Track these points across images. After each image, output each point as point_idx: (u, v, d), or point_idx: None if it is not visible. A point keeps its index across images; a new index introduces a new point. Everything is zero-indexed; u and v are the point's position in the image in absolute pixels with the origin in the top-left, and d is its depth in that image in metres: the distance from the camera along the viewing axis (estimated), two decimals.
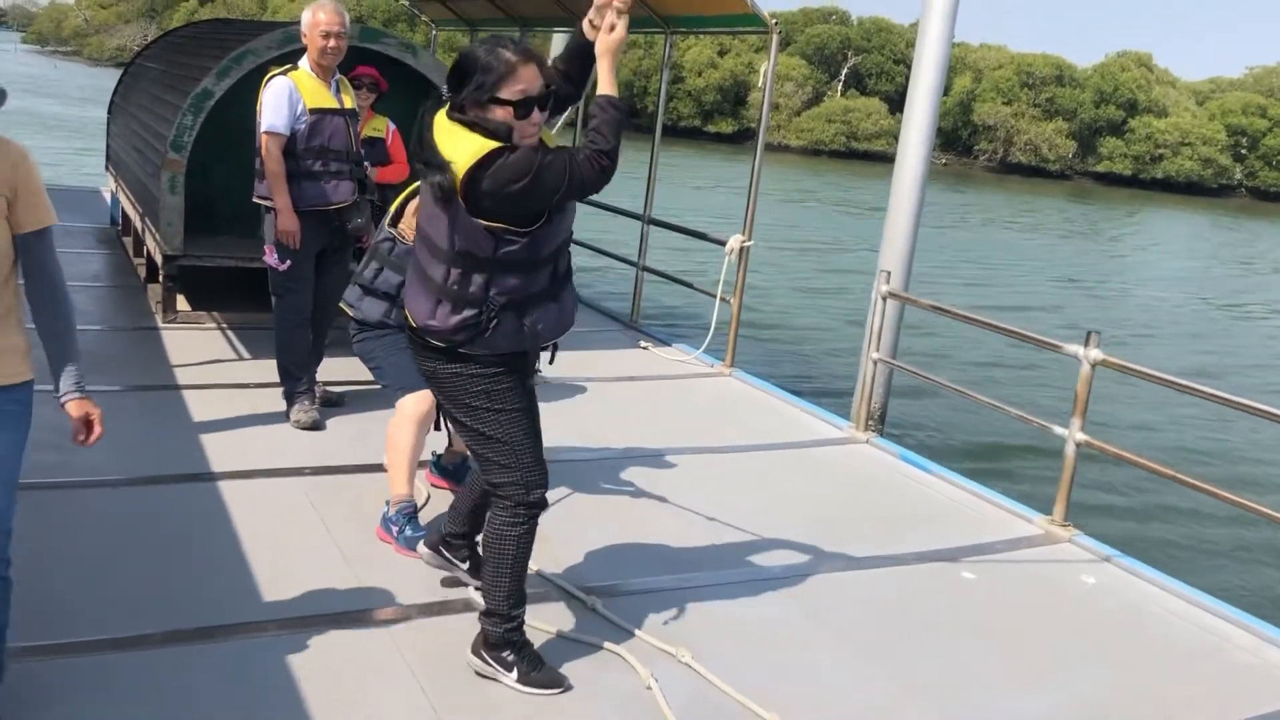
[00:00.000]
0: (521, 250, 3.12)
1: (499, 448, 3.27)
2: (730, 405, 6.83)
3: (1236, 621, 4.32)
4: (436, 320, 3.16)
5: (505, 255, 3.11)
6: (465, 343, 3.17)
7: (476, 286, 3.13)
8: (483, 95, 3.05)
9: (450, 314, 3.14)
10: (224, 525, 4.22)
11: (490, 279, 3.13)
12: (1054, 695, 3.65)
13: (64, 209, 11.68)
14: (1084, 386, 5.15)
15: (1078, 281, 23.46)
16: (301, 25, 5.47)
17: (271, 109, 5.30)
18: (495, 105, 3.05)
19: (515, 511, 3.29)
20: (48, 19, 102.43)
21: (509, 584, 3.32)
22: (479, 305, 3.13)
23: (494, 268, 3.12)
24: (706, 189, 33.51)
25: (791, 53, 62.71)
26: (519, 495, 3.28)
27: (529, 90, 3.06)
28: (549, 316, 3.25)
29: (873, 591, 4.32)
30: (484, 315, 3.14)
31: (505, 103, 3.04)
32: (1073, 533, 5.09)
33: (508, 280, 3.14)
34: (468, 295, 3.13)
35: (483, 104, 3.06)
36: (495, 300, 3.14)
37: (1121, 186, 58.51)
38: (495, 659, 3.34)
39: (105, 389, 5.74)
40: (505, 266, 3.13)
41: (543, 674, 3.36)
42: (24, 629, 3.34)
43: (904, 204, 6.61)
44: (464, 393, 3.25)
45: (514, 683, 3.32)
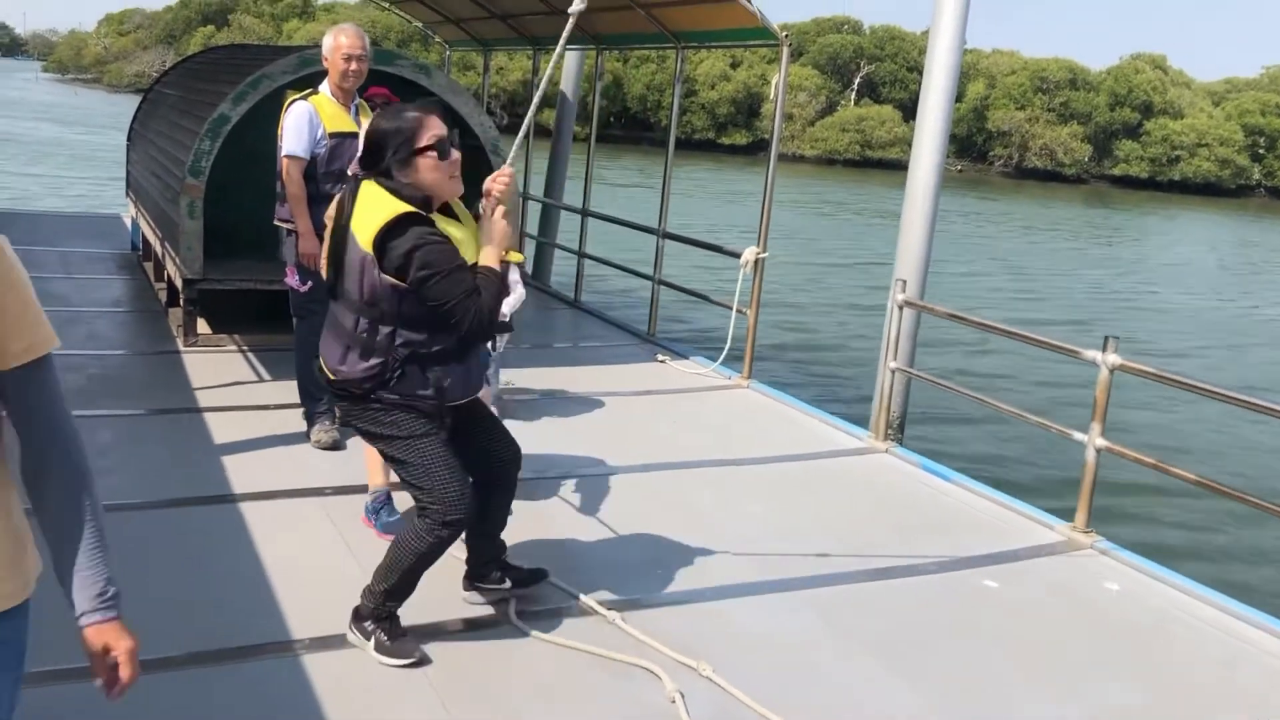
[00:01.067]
0: (424, 308, 3.33)
1: (416, 474, 3.45)
2: (748, 417, 6.82)
3: (1265, 627, 4.28)
4: (345, 366, 3.43)
5: (409, 311, 3.34)
6: (372, 390, 3.40)
7: (383, 336, 3.37)
8: (405, 152, 3.33)
9: (358, 360, 3.40)
10: (246, 546, 4.25)
11: (395, 330, 3.36)
12: (1080, 705, 3.62)
13: (86, 235, 11.86)
14: (1103, 392, 5.12)
15: (1100, 288, 23.34)
16: (323, 49, 5.53)
17: (292, 133, 5.39)
18: (417, 156, 3.34)
19: (432, 529, 3.44)
20: (68, 47, 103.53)
21: (396, 582, 3.50)
22: (384, 355, 3.38)
23: (399, 321, 3.35)
24: (722, 202, 33.53)
25: (804, 63, 62.77)
26: (437, 516, 3.43)
27: (439, 133, 3.37)
28: (454, 375, 3.47)
29: (895, 602, 4.30)
30: (388, 365, 3.38)
31: (425, 150, 3.34)
32: (1094, 539, 5.06)
33: (411, 334, 3.37)
34: (374, 345, 3.38)
35: (406, 162, 3.34)
36: (399, 351, 3.37)
37: (1138, 189, 58.24)
38: (359, 629, 3.54)
39: (128, 413, 5.81)
40: (409, 321, 3.36)
41: (396, 644, 3.50)
42: (46, 653, 3.36)
43: (918, 212, 6.60)
44: (377, 424, 3.47)
45: (373, 650, 3.49)
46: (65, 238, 11.37)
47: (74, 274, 9.45)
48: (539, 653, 3.65)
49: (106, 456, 5.14)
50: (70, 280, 9.16)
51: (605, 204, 11.42)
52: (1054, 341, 5.76)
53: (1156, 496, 9.13)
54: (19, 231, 11.43)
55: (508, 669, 3.54)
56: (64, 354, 6.76)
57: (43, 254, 10.24)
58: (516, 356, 7.66)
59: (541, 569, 4.04)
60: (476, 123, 7.65)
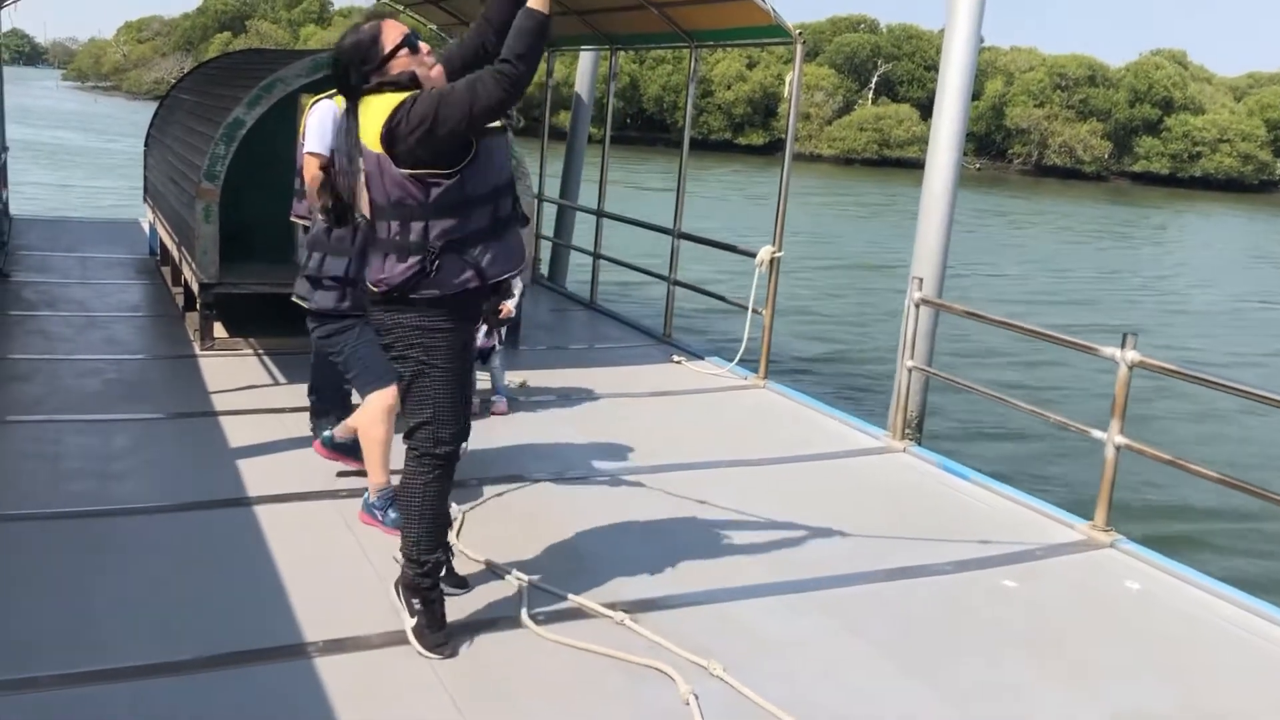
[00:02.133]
0: (452, 191, 3.31)
1: (421, 398, 3.49)
2: (765, 417, 6.80)
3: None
4: (385, 273, 3.39)
5: (437, 199, 3.31)
6: (414, 288, 3.36)
7: (416, 234, 3.34)
8: (374, 62, 3.35)
9: (396, 263, 3.37)
10: (261, 549, 4.25)
11: (427, 225, 3.34)
12: (1101, 706, 3.58)
13: (105, 241, 11.93)
14: (1122, 389, 5.07)
15: (1125, 287, 23.19)
16: None
17: (315, 132, 5.33)
18: (390, 61, 3.36)
19: (422, 461, 3.53)
20: (87, 55, 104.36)
21: (418, 529, 3.55)
22: (421, 252, 3.34)
23: (428, 213, 3.33)
24: (739, 202, 33.49)
25: (821, 62, 62.65)
26: (427, 446, 3.51)
27: (403, 31, 3.38)
28: (494, 251, 3.42)
29: (913, 602, 4.27)
30: (426, 260, 3.34)
31: (396, 49, 3.35)
32: (1115, 537, 5.01)
33: (443, 223, 3.34)
34: (409, 244, 3.35)
35: (381, 70, 3.36)
36: (434, 245, 3.34)
37: (1159, 186, 57.84)
38: (405, 600, 3.59)
39: (145, 417, 5.84)
40: (439, 210, 3.33)
41: (434, 637, 3.54)
42: (63, 657, 3.38)
43: (935, 210, 6.55)
44: (402, 342, 3.46)
45: (409, 630, 3.55)
46: (84, 243, 11.44)
47: (92, 279, 9.50)
48: (553, 653, 3.63)
49: (124, 460, 5.16)
50: (89, 286, 9.21)
51: (632, 208, 11.42)
52: (1072, 339, 5.71)
53: (1177, 494, 9.05)
54: (38, 237, 11.52)
55: (521, 670, 3.52)
56: (82, 358, 6.82)
57: (62, 259, 10.31)
58: (532, 357, 7.66)
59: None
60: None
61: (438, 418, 3.50)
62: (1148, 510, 8.69)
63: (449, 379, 3.50)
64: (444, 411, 3.51)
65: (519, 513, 4.85)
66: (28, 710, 3.11)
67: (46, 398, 6.04)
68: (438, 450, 3.52)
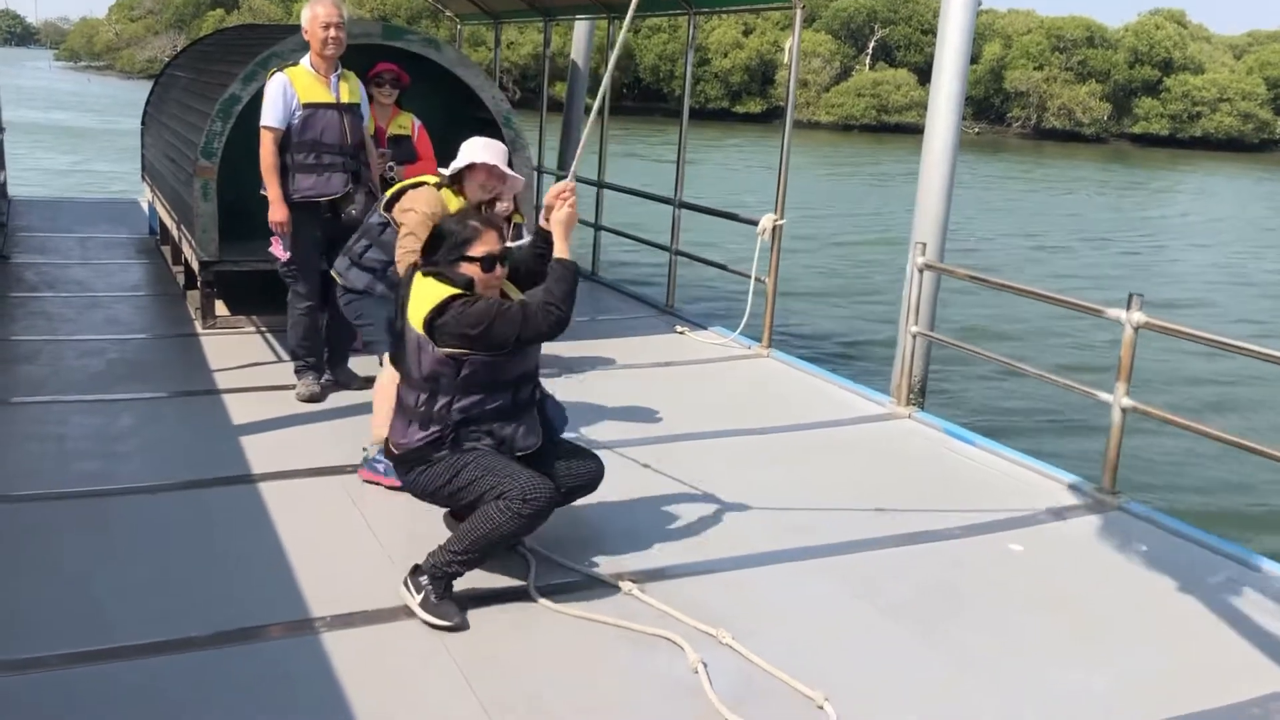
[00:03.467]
0: (483, 372, 3.67)
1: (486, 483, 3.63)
2: (769, 386, 6.79)
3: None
4: (405, 438, 3.75)
5: (466, 377, 3.66)
6: (430, 454, 3.70)
7: (440, 406, 3.69)
8: (454, 255, 3.71)
9: (416, 431, 3.72)
10: (267, 526, 4.25)
11: (452, 399, 3.68)
12: (1109, 668, 3.58)
13: (104, 221, 11.90)
14: (1128, 350, 5.05)
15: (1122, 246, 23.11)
16: (302, 22, 5.72)
17: (269, 105, 5.65)
18: (464, 263, 3.71)
19: (510, 507, 3.57)
20: (79, 35, 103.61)
21: (468, 548, 3.62)
22: (440, 423, 3.69)
23: (457, 389, 3.67)
24: (738, 170, 33.35)
25: (818, 28, 62.18)
26: (517, 496, 3.58)
27: (492, 250, 3.73)
28: (514, 427, 3.78)
29: (920, 567, 4.27)
30: (444, 430, 3.69)
31: (473, 260, 3.71)
32: (1121, 500, 5.01)
33: (466, 399, 3.69)
34: (432, 414, 3.70)
35: (454, 262, 3.72)
36: (454, 416, 3.69)
37: (1159, 147, 57.54)
38: (414, 583, 3.65)
39: (149, 396, 5.83)
40: (467, 387, 3.68)
41: (440, 606, 3.60)
42: (69, 636, 3.39)
43: (935, 174, 6.50)
44: (437, 480, 3.73)
45: (418, 606, 3.60)
46: (84, 223, 11.40)
47: (93, 259, 9.47)
48: (560, 625, 3.64)
49: (127, 439, 5.16)
50: (89, 266, 9.18)
51: (634, 178, 11.34)
52: (1076, 300, 5.69)
53: (1184, 456, 9.05)
54: (38, 218, 11.48)
55: (530, 642, 3.53)
56: (84, 339, 6.81)
57: (61, 240, 10.28)
58: None
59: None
60: (488, 96, 7.59)
61: (508, 477, 3.61)
62: (1154, 472, 8.70)
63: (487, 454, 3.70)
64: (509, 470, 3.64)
65: None
66: (36, 689, 3.12)
67: (50, 379, 6.03)
68: (528, 497, 3.57)
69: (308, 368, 5.94)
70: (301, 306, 5.88)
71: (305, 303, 5.87)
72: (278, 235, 5.73)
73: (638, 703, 3.24)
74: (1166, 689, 3.48)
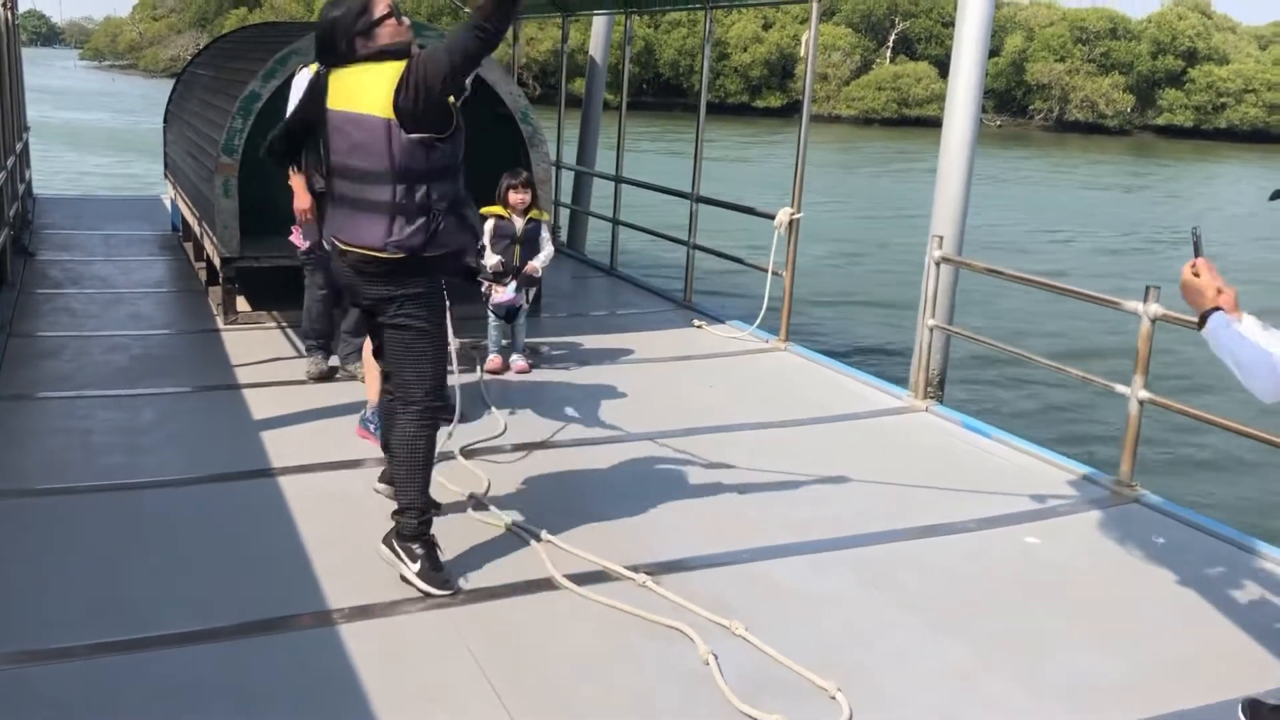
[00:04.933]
0: (446, 155, 3.61)
1: (426, 354, 3.73)
2: (787, 379, 6.80)
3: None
4: (395, 235, 3.58)
5: (436, 163, 3.58)
6: (423, 247, 3.60)
7: (420, 196, 3.58)
8: (364, 26, 3.57)
9: (405, 225, 3.58)
10: (288, 519, 4.30)
11: (429, 188, 3.59)
12: (1127, 660, 3.58)
13: (128, 218, 11.99)
14: (1145, 343, 5.04)
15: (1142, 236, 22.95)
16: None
17: (294, 99, 5.69)
18: (378, 28, 3.57)
19: (423, 415, 3.75)
20: (104, 34, 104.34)
21: (420, 481, 3.76)
22: (426, 212, 3.59)
23: (430, 177, 3.58)
24: (759, 164, 33.28)
25: (837, 21, 61.96)
26: (427, 399, 3.74)
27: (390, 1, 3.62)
28: (472, 215, 3.82)
29: (937, 560, 4.28)
30: (432, 220, 3.60)
31: (382, 20, 3.57)
32: (1139, 492, 5.00)
33: (441, 186, 3.62)
34: (415, 205, 3.58)
35: (370, 33, 3.58)
36: (437, 204, 3.60)
37: (1183, 139, 57.06)
38: (404, 549, 3.75)
39: (172, 390, 5.90)
40: (437, 174, 3.60)
41: (440, 575, 3.73)
42: (96, 627, 3.45)
43: (954, 167, 6.49)
44: (408, 305, 3.68)
45: (414, 575, 3.71)
46: (108, 221, 11.51)
47: (116, 256, 9.57)
48: (575, 615, 3.67)
49: (152, 434, 5.23)
50: (113, 262, 9.28)
51: (653, 174, 11.37)
52: (1094, 293, 5.68)
53: (1202, 449, 9.01)
54: (63, 215, 11.60)
55: (544, 632, 3.56)
56: (108, 334, 6.89)
57: (86, 237, 10.39)
58: (553, 325, 7.67)
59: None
60: (504, 91, 7.62)
61: (436, 374, 3.77)
62: (1172, 464, 8.66)
63: (438, 339, 3.79)
64: (440, 368, 3.80)
65: (542, 476, 4.88)
66: (65, 679, 3.17)
67: (75, 374, 6.10)
68: (435, 401, 3.79)
69: (317, 347, 6.21)
70: (318, 294, 6.15)
71: (321, 291, 6.12)
72: (300, 224, 5.89)
73: (652, 693, 3.27)
74: (1182, 680, 3.48)
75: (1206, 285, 2.91)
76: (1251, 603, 4.04)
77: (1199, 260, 2.93)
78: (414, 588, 3.71)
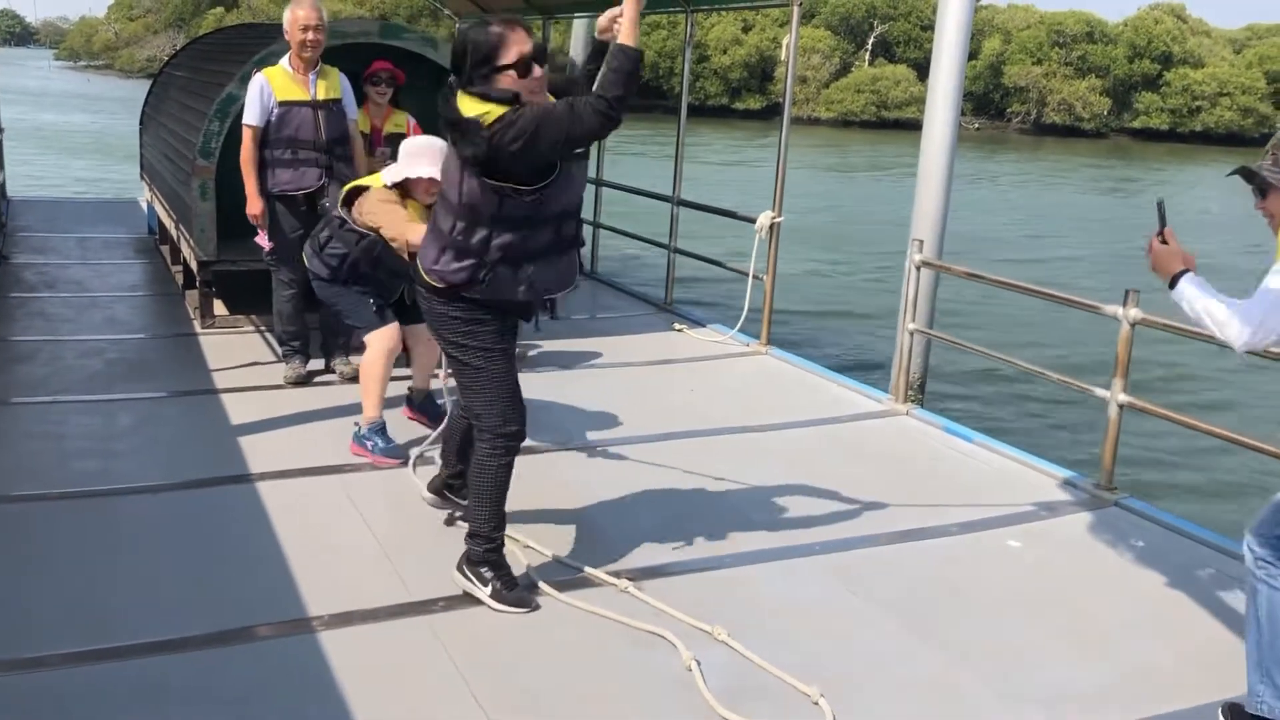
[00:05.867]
0: (526, 207, 3.42)
1: (482, 384, 3.65)
2: (767, 383, 6.79)
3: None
4: (439, 265, 3.53)
5: (507, 213, 3.42)
6: (463, 288, 3.51)
7: (478, 239, 3.46)
8: (485, 69, 3.38)
9: (452, 261, 3.50)
10: (265, 525, 4.26)
11: (491, 233, 3.44)
12: (1107, 665, 3.59)
13: (104, 221, 11.88)
14: (1124, 347, 5.06)
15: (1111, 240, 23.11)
16: (284, 23, 6.03)
17: (248, 104, 6.01)
18: (499, 74, 3.38)
19: (494, 443, 3.69)
20: (79, 34, 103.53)
21: (490, 508, 3.72)
22: (478, 256, 3.47)
23: (495, 224, 3.43)
24: (738, 167, 33.33)
25: (817, 24, 62.13)
26: (497, 427, 3.67)
27: (524, 50, 3.38)
28: (548, 272, 3.57)
29: (918, 565, 4.28)
30: (482, 266, 3.48)
31: (507, 68, 3.37)
32: (1119, 496, 5.02)
33: (507, 235, 3.45)
34: (469, 246, 3.47)
35: (488, 77, 3.39)
36: (494, 253, 3.46)
37: (1159, 141, 57.48)
38: (475, 574, 3.72)
39: (148, 395, 5.84)
40: (507, 223, 3.43)
41: (514, 594, 3.71)
42: (69, 636, 3.40)
43: (933, 170, 6.51)
44: (453, 332, 3.62)
45: (488, 598, 3.68)
46: (83, 223, 11.41)
47: (91, 259, 9.48)
48: (556, 622, 3.65)
49: (127, 439, 5.17)
50: (88, 266, 9.19)
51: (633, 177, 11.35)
52: (1074, 297, 5.70)
53: (1181, 452, 9.06)
54: (37, 218, 11.49)
55: (525, 638, 3.54)
56: (83, 339, 6.82)
57: (61, 240, 10.29)
58: (533, 329, 7.63)
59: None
60: None
61: (501, 397, 3.66)
62: (1152, 469, 8.70)
63: (502, 359, 3.66)
64: (505, 390, 3.67)
65: (522, 482, 4.82)
66: (35, 690, 3.13)
67: (49, 378, 6.04)
68: (507, 429, 3.68)
69: (294, 352, 6.19)
70: (285, 294, 6.17)
71: (288, 290, 6.15)
72: (259, 228, 6.03)
73: (635, 700, 3.25)
74: (1162, 684, 3.49)
75: (1175, 251, 3.09)
76: (1231, 606, 4.05)
77: (1166, 229, 3.12)
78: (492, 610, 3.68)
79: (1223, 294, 2.98)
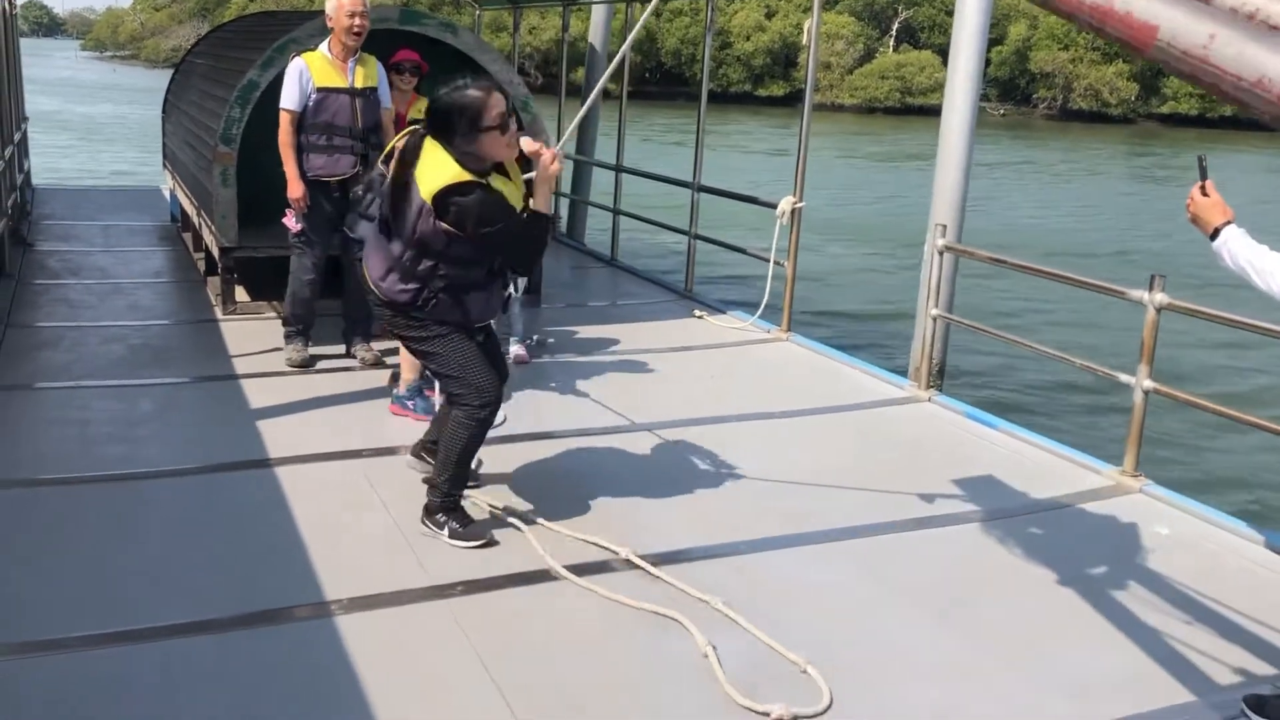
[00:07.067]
0: (469, 249, 3.82)
1: (449, 365, 3.97)
2: (789, 369, 6.76)
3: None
4: (386, 284, 3.91)
5: (455, 252, 3.81)
6: (406, 307, 3.89)
7: (424, 268, 3.84)
8: (469, 130, 3.72)
9: (397, 283, 3.88)
10: (286, 509, 4.27)
11: (437, 265, 3.83)
12: (1131, 651, 3.55)
13: (126, 208, 11.97)
14: (1150, 332, 5.00)
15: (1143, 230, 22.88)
16: (327, 9, 5.96)
17: (286, 88, 5.99)
18: (483, 135, 3.74)
19: (471, 414, 3.96)
20: (105, 25, 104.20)
21: (453, 470, 4.02)
22: (422, 282, 3.85)
23: (442, 258, 3.82)
24: (762, 154, 33.19)
25: (840, 10, 61.73)
26: (472, 400, 3.95)
27: (502, 110, 3.76)
28: (479, 302, 3.99)
29: (940, 550, 4.25)
30: (425, 292, 3.87)
31: (490, 128, 3.73)
32: (1144, 483, 4.97)
33: (450, 269, 3.85)
34: (415, 272, 3.85)
35: (471, 138, 3.74)
36: (437, 282, 3.85)
37: (1188, 127, 56.84)
38: (432, 521, 4.05)
39: (170, 381, 5.87)
40: (450, 259, 3.83)
41: (470, 529, 4.01)
42: (90, 619, 3.42)
43: (953, 155, 6.44)
44: (413, 329, 3.98)
45: (447, 538, 3.99)
46: (107, 211, 11.47)
47: (115, 247, 9.54)
48: (574, 605, 3.65)
49: (149, 424, 5.20)
50: (111, 253, 9.24)
51: (656, 164, 11.32)
52: (1098, 282, 5.64)
53: (1207, 439, 8.97)
54: (61, 206, 11.57)
55: (544, 622, 3.54)
56: (106, 325, 6.86)
57: (84, 227, 10.35)
58: (554, 315, 7.64)
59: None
60: (505, 80, 7.56)
61: (471, 381, 3.94)
62: (1177, 455, 8.62)
63: (464, 339, 3.97)
64: (474, 373, 3.96)
65: (542, 467, 4.86)
66: (57, 672, 3.15)
67: (73, 364, 6.08)
68: (482, 400, 3.95)
69: (297, 334, 6.21)
70: (303, 278, 6.16)
71: (307, 275, 6.15)
72: (290, 210, 6.02)
73: (652, 684, 3.25)
74: (1186, 671, 3.45)
75: (1216, 203, 3.08)
76: (1256, 593, 4.01)
77: (1207, 183, 3.11)
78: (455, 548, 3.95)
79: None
